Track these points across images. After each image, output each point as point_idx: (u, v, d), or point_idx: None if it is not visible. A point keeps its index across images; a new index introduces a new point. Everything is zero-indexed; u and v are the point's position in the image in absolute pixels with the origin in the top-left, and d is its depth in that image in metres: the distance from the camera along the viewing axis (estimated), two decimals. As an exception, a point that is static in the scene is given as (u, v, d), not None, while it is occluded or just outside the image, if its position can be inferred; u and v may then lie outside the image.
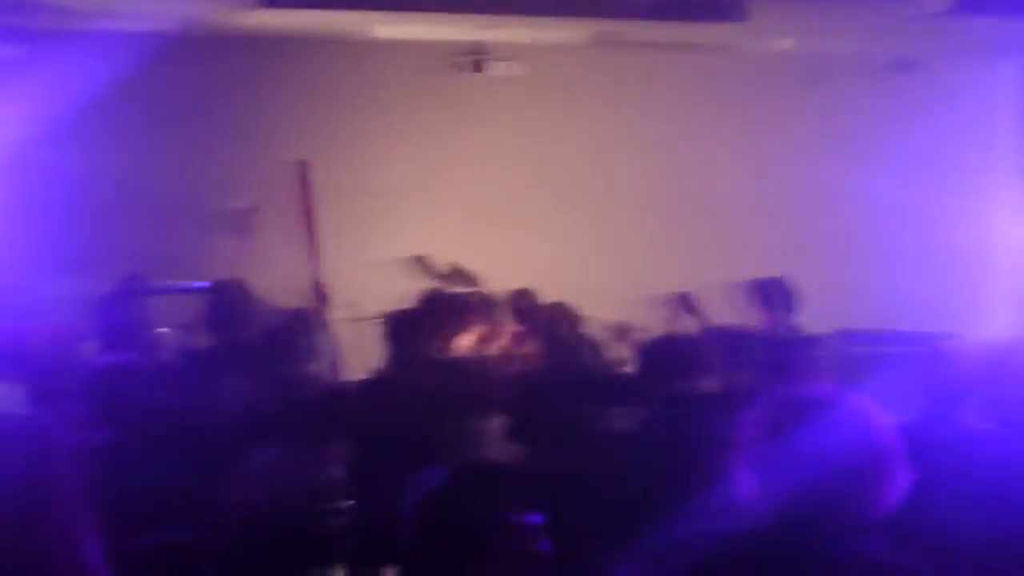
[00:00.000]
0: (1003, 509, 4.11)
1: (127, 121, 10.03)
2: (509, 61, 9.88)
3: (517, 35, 9.51)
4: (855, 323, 8.93)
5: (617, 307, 8.12)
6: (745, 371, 5.49)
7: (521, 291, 7.75)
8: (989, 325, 9.91)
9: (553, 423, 5.19)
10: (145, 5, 8.58)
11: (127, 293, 6.64)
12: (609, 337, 7.93)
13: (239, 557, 3.54)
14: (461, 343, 7.37)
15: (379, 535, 5.18)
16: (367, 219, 10.23)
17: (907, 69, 10.02)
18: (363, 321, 7.93)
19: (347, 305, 8.43)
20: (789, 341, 7.41)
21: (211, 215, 9.92)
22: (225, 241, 8.98)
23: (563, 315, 6.78)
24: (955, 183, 9.99)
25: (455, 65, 9.75)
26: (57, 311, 6.65)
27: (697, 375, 5.53)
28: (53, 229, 9.71)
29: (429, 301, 6.60)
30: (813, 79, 9.91)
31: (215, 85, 10.29)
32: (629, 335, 7.73)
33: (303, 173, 6.47)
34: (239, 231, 6.38)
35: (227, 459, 4.87)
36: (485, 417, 6.44)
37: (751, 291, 7.64)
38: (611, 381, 6.68)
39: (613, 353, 7.77)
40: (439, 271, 8.39)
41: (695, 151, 10.46)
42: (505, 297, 7.68)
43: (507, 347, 7.06)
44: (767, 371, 5.53)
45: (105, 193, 9.89)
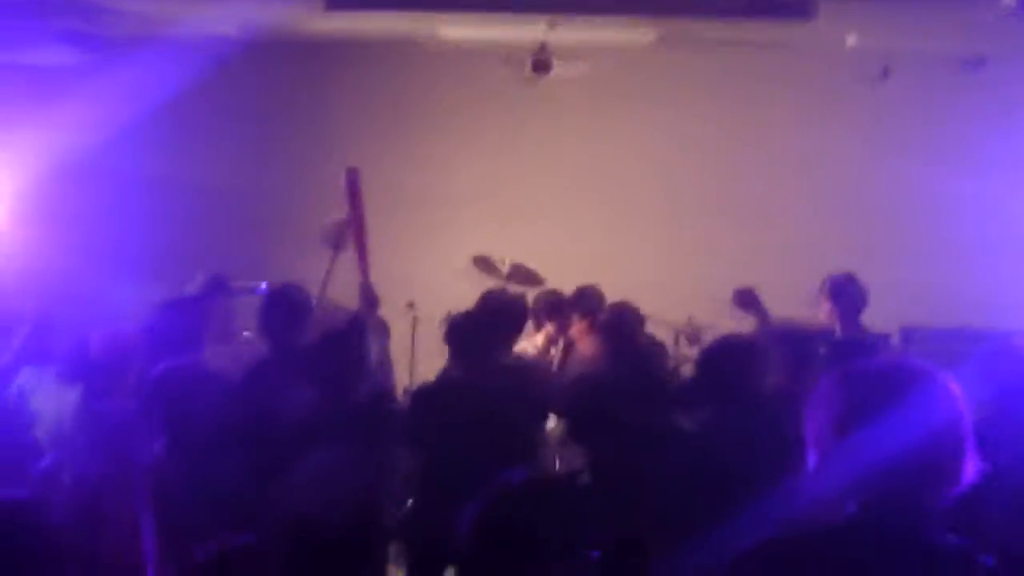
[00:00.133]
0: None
1: (196, 127, 10.17)
2: (573, 62, 9.85)
3: (581, 36, 9.49)
4: (925, 320, 8.85)
5: (679, 308, 8.08)
6: (812, 370, 5.42)
7: (585, 289, 7.68)
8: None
9: (618, 425, 5.15)
10: (211, 12, 8.66)
11: (198, 297, 6.70)
12: (674, 338, 7.90)
13: (297, 561, 3.58)
14: (524, 345, 7.38)
15: (436, 543, 5.21)
16: (431, 225, 10.28)
17: (977, 67, 9.87)
18: (425, 324, 8.00)
19: (411, 305, 8.47)
20: (856, 339, 7.37)
21: (280, 221, 10.05)
22: (296, 247, 9.09)
23: (628, 315, 6.73)
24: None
25: (519, 67, 9.74)
26: (129, 318, 6.72)
27: (762, 375, 5.50)
28: (126, 235, 9.86)
29: (491, 302, 6.59)
30: (881, 77, 9.78)
31: (281, 91, 10.38)
32: (694, 335, 7.71)
33: (352, 181, 6.49)
34: (333, 244, 6.41)
35: (287, 465, 4.92)
36: (548, 419, 6.45)
37: (819, 288, 7.58)
38: (676, 382, 6.66)
39: (678, 354, 7.75)
40: (502, 271, 8.38)
41: (759, 151, 10.36)
42: (569, 297, 7.63)
43: (571, 348, 7.04)
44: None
45: (175, 199, 10.02)
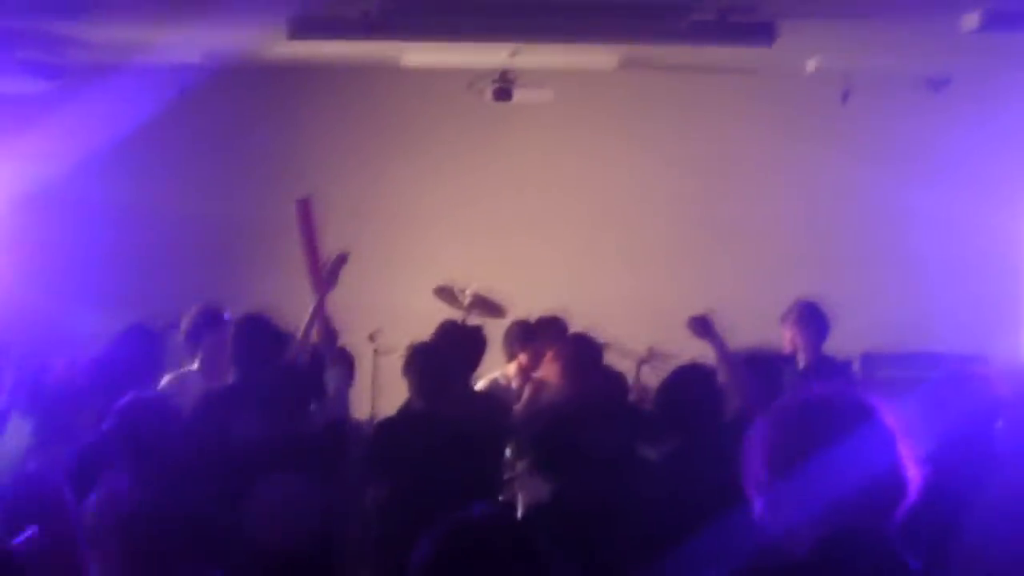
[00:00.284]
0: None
1: (162, 154, 10.11)
2: (537, 88, 9.86)
3: (544, 60, 9.50)
4: (890, 344, 8.87)
5: (647, 331, 8.06)
6: (778, 397, 5.40)
7: (546, 318, 7.65)
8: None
9: (582, 454, 5.12)
10: (176, 40, 8.62)
11: (152, 329, 6.65)
12: (638, 364, 7.87)
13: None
14: (496, 376, 7.35)
15: (397, 571, 5.16)
16: (395, 249, 10.25)
17: (940, 87, 9.91)
18: (387, 354, 7.95)
19: (373, 336, 8.40)
20: (821, 366, 7.38)
21: (249, 247, 10.01)
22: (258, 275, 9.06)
23: (588, 345, 6.70)
24: (989, 201, 9.87)
25: (483, 92, 9.74)
26: (86, 346, 6.69)
27: (721, 404, 5.49)
28: (91, 264, 9.80)
29: (449, 332, 6.57)
30: (842, 100, 9.80)
31: (246, 117, 10.34)
32: (658, 361, 7.67)
33: (305, 211, 6.43)
34: (327, 279, 6.30)
35: (248, 494, 4.89)
36: (510, 449, 6.43)
37: (784, 315, 7.59)
38: (639, 410, 6.64)
39: (642, 380, 7.71)
40: (465, 301, 8.33)
41: (724, 174, 10.40)
42: (532, 326, 7.59)
43: (533, 377, 7.00)
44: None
45: (142, 226, 9.97)
